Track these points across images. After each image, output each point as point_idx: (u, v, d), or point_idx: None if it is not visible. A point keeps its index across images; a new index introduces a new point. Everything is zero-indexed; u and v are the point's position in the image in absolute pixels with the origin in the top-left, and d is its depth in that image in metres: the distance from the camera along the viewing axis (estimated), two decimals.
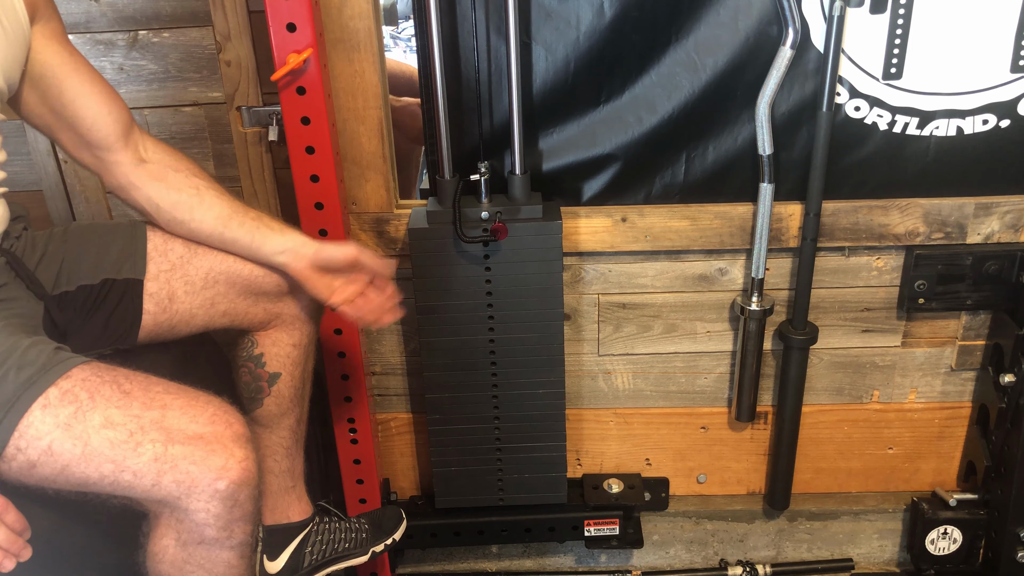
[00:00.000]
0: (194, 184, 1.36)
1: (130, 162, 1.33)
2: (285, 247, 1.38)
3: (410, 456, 2.05)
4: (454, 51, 1.64)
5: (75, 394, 1.09)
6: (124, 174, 1.33)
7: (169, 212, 1.35)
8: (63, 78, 1.26)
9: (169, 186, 1.34)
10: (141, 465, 1.09)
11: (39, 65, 1.25)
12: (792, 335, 1.82)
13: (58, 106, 1.27)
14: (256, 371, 1.51)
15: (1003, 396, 1.80)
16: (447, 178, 1.69)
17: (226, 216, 1.36)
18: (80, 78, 1.27)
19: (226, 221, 1.36)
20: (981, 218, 1.73)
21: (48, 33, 1.25)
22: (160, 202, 1.34)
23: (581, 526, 1.96)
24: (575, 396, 1.96)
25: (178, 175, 1.35)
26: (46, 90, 1.26)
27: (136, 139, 1.34)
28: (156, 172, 1.34)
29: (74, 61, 1.28)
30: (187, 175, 1.36)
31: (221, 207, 1.36)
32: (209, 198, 1.36)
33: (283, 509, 1.64)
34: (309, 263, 1.38)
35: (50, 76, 1.25)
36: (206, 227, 1.36)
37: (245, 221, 1.37)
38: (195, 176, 1.37)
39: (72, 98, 1.27)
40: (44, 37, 1.25)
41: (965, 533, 1.95)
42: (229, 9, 1.64)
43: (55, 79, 1.26)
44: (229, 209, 1.36)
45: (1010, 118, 1.64)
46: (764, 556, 2.11)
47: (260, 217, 1.39)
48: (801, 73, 1.62)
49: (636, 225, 1.76)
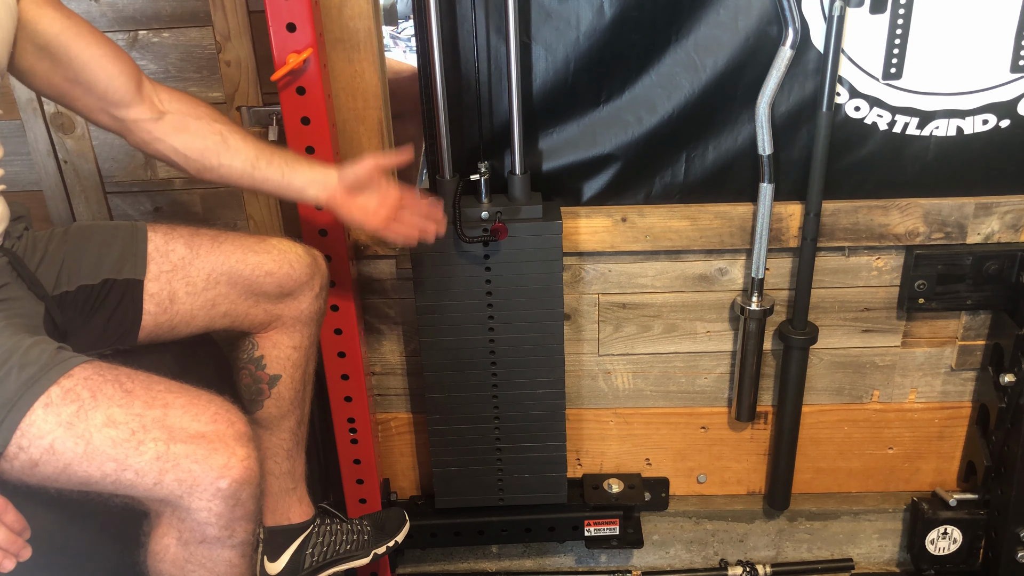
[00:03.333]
0: (217, 130, 1.36)
1: (149, 117, 1.33)
2: (314, 179, 1.39)
3: (410, 456, 2.05)
4: (454, 51, 1.64)
5: (77, 393, 1.09)
6: (147, 130, 1.34)
7: (198, 161, 1.36)
8: (68, 44, 1.25)
9: (193, 134, 1.35)
10: (143, 464, 1.09)
11: (41, 36, 1.23)
12: (792, 335, 1.82)
13: (71, 73, 1.26)
14: (256, 373, 1.51)
15: (1003, 396, 1.80)
16: (447, 178, 1.69)
17: (253, 158, 1.37)
18: (84, 41, 1.26)
19: (254, 162, 1.37)
20: (981, 218, 1.73)
21: (40, 1, 1.24)
22: (188, 152, 1.35)
23: (581, 526, 1.96)
24: (575, 396, 1.96)
25: (200, 122, 1.36)
26: (55, 60, 1.25)
27: (149, 91, 1.34)
28: (177, 123, 1.35)
29: (75, 25, 1.26)
30: (208, 121, 1.37)
31: (248, 150, 1.37)
32: (235, 142, 1.37)
33: (284, 511, 1.64)
34: (339, 189, 1.39)
35: (55, 45, 1.24)
36: (235, 171, 1.37)
37: (273, 160, 1.38)
38: (216, 121, 1.37)
39: (83, 63, 1.26)
40: (36, 6, 1.23)
41: (965, 533, 1.95)
42: (229, 9, 1.64)
43: (61, 47, 1.24)
44: (255, 151, 1.38)
45: (1010, 118, 1.65)
46: (764, 556, 2.11)
47: (286, 154, 1.41)
48: (801, 73, 1.63)
49: (636, 225, 1.76)
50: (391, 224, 1.43)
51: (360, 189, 1.41)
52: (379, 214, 1.42)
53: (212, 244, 1.40)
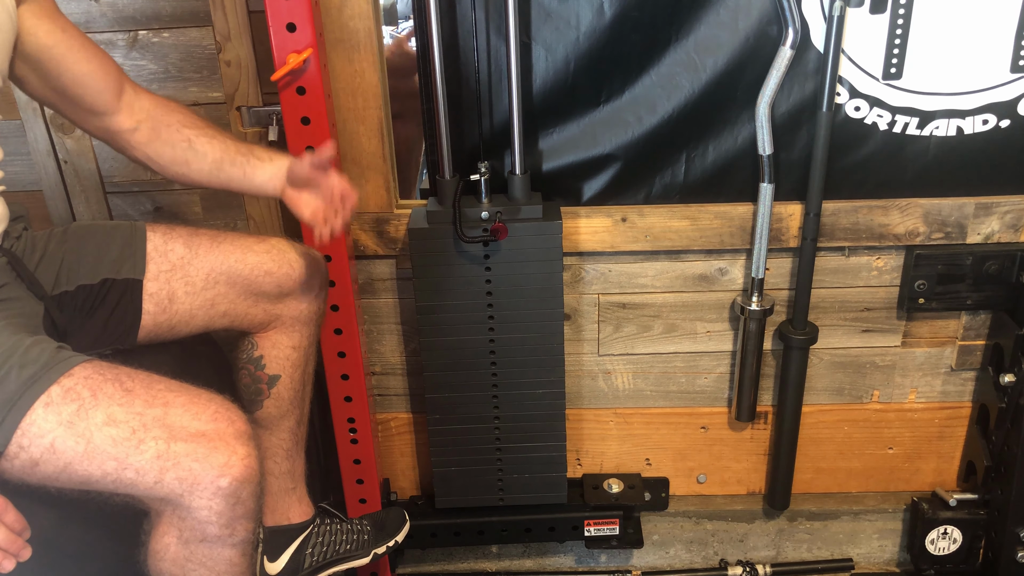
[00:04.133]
0: (185, 136, 1.39)
1: (127, 127, 1.36)
2: (273, 174, 1.41)
3: (410, 456, 2.05)
4: (454, 51, 1.64)
5: (77, 392, 1.09)
6: (125, 139, 1.38)
7: (169, 167, 1.40)
8: (59, 59, 1.26)
9: (164, 142, 1.38)
10: (143, 462, 1.09)
11: (33, 47, 1.24)
12: (792, 335, 1.82)
13: (59, 86, 1.29)
14: (256, 373, 1.51)
15: (1003, 396, 1.80)
16: (447, 178, 1.69)
17: (218, 159, 1.40)
18: (76, 56, 1.28)
19: (219, 164, 1.40)
20: (981, 218, 1.73)
21: (38, 12, 1.25)
22: (159, 159, 1.39)
23: (581, 526, 1.96)
24: (575, 396, 1.96)
25: (169, 130, 1.39)
26: (46, 71, 1.27)
27: (129, 99, 1.36)
28: (150, 131, 1.38)
29: (68, 39, 1.28)
30: (178, 127, 1.39)
31: (213, 152, 1.39)
32: (200, 146, 1.39)
33: (284, 510, 1.64)
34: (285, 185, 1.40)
35: (47, 58, 1.25)
36: (204, 173, 1.40)
37: (236, 159, 1.40)
38: (185, 127, 1.39)
39: (72, 78, 1.28)
40: (34, 16, 1.24)
41: (965, 533, 1.95)
42: (229, 9, 1.64)
43: (52, 61, 1.26)
44: (220, 151, 1.40)
45: (1010, 118, 1.65)
46: (764, 556, 2.11)
47: (251, 151, 1.42)
48: (801, 73, 1.63)
49: (636, 225, 1.76)
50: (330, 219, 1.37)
51: (305, 184, 1.38)
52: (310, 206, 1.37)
53: (211, 244, 1.40)
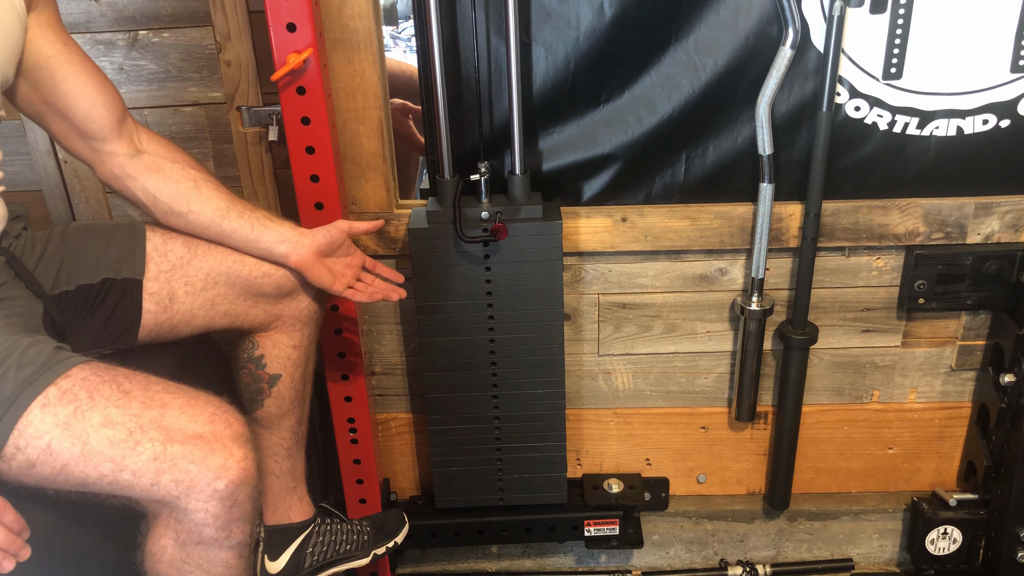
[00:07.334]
0: (191, 176, 1.36)
1: (125, 153, 1.33)
2: (285, 237, 1.40)
3: (410, 456, 2.05)
4: (454, 51, 1.64)
5: (74, 393, 1.09)
6: (119, 164, 1.33)
7: (167, 204, 1.35)
8: (56, 69, 1.25)
9: (166, 177, 1.35)
10: (140, 464, 1.09)
11: (32, 55, 1.23)
12: (792, 335, 1.82)
13: (51, 97, 1.26)
14: (256, 372, 1.51)
15: (1003, 396, 1.80)
16: (447, 178, 1.69)
17: (224, 208, 1.37)
18: (74, 69, 1.26)
19: (224, 213, 1.37)
20: (981, 218, 1.73)
21: (43, 22, 1.24)
22: (157, 193, 1.35)
23: (581, 526, 1.96)
24: (575, 396, 1.96)
25: (175, 166, 1.36)
26: (39, 81, 1.25)
27: (130, 129, 1.34)
28: (152, 163, 1.34)
29: (68, 51, 1.26)
30: (184, 167, 1.37)
31: (219, 200, 1.37)
32: (207, 190, 1.37)
33: (284, 510, 1.64)
34: (310, 251, 1.41)
35: (44, 67, 1.24)
36: (204, 219, 1.37)
37: (244, 213, 1.39)
38: (192, 168, 1.37)
39: (66, 90, 1.26)
40: (39, 26, 1.23)
41: (965, 533, 1.95)
42: (229, 9, 1.64)
43: (48, 70, 1.24)
44: (227, 202, 1.38)
45: (1010, 118, 1.64)
46: (764, 556, 2.11)
47: (257, 210, 1.41)
48: (801, 73, 1.62)
49: (636, 225, 1.76)
50: (356, 285, 1.48)
51: (330, 252, 1.44)
52: (345, 276, 1.46)
53: (210, 244, 1.40)
